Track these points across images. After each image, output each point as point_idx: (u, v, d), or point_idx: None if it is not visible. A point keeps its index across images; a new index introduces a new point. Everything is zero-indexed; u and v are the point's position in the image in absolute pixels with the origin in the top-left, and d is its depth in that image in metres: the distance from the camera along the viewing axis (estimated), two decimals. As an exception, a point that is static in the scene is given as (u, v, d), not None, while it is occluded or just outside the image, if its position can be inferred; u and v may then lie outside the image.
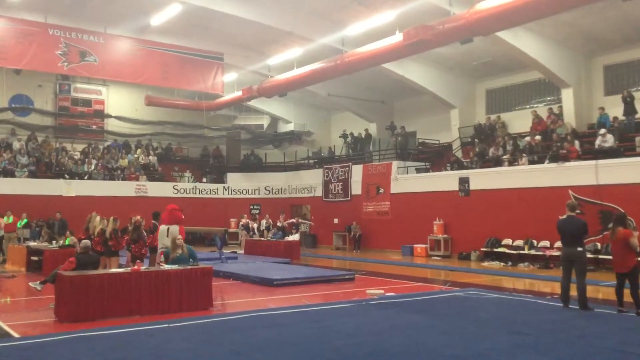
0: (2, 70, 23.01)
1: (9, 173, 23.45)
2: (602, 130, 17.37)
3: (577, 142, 17.74)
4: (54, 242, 16.85)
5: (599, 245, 15.95)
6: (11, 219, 19.58)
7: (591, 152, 17.35)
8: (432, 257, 20.53)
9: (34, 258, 15.96)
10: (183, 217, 13.29)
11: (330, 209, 26.06)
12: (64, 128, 28.06)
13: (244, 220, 25.06)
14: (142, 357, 6.64)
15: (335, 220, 25.75)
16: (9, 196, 21.67)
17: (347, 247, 24.90)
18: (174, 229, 11.88)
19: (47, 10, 20.34)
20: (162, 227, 12.63)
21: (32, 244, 17.03)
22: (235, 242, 25.40)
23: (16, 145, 25.13)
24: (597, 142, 17.35)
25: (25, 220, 19.95)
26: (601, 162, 16.44)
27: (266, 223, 24.84)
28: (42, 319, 9.24)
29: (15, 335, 8.04)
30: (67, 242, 15.89)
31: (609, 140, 17.09)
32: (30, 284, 10.78)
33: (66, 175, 24.72)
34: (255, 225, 24.59)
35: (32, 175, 24.04)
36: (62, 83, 27.99)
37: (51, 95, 27.97)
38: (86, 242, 10.87)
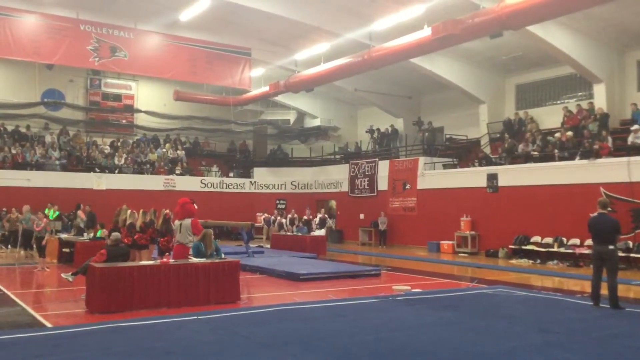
0: (35, 65, 23.48)
1: (41, 166, 23.94)
2: (635, 126, 17.00)
3: (609, 139, 17.39)
4: (84, 234, 17.14)
5: (630, 243, 15.64)
6: (52, 213, 19.70)
7: (624, 149, 17.00)
8: (459, 254, 20.37)
9: (66, 250, 16.28)
10: (196, 208, 13.01)
11: (356, 205, 26.02)
12: (95, 122, 28.52)
13: (265, 215, 25.25)
14: (172, 348, 6.72)
15: (361, 216, 25.69)
16: (41, 189, 22.21)
17: (372, 242, 24.84)
18: (187, 222, 11.77)
19: (79, 6, 20.70)
20: (176, 223, 12.49)
21: (63, 236, 17.36)
22: (260, 236, 25.55)
23: (48, 139, 25.64)
24: (630, 138, 17.00)
25: (57, 213, 20.30)
26: (634, 158, 16.12)
27: (291, 217, 24.88)
28: (74, 310, 9.42)
29: (48, 325, 8.21)
30: (98, 235, 16.15)
31: (643, 137, 16.74)
32: (62, 275, 10.97)
33: (96, 168, 25.16)
34: (278, 219, 24.65)
35: (64, 168, 24.50)
36: (93, 78, 28.40)
37: (82, 90, 28.40)
38: (116, 234, 11.03)
